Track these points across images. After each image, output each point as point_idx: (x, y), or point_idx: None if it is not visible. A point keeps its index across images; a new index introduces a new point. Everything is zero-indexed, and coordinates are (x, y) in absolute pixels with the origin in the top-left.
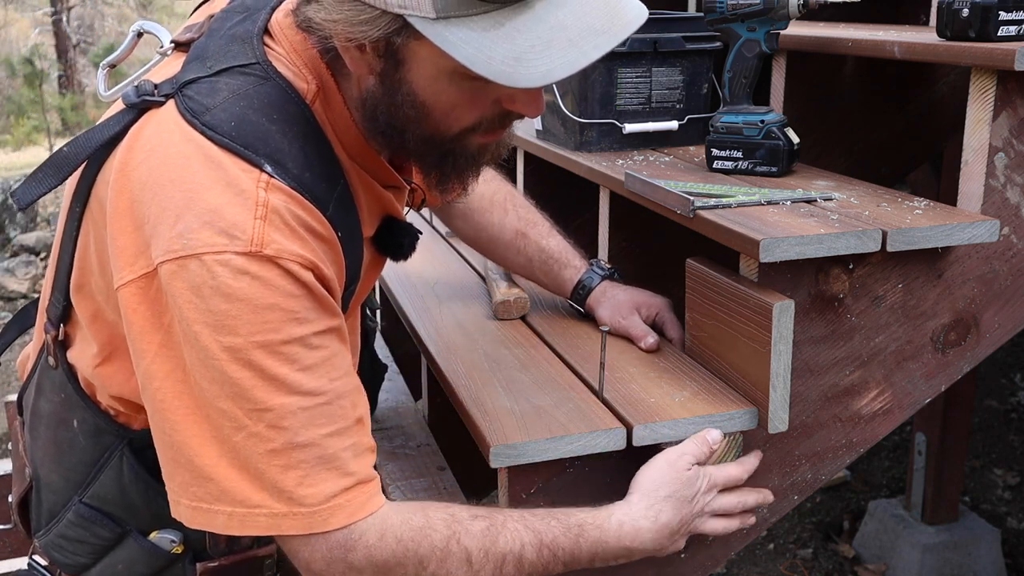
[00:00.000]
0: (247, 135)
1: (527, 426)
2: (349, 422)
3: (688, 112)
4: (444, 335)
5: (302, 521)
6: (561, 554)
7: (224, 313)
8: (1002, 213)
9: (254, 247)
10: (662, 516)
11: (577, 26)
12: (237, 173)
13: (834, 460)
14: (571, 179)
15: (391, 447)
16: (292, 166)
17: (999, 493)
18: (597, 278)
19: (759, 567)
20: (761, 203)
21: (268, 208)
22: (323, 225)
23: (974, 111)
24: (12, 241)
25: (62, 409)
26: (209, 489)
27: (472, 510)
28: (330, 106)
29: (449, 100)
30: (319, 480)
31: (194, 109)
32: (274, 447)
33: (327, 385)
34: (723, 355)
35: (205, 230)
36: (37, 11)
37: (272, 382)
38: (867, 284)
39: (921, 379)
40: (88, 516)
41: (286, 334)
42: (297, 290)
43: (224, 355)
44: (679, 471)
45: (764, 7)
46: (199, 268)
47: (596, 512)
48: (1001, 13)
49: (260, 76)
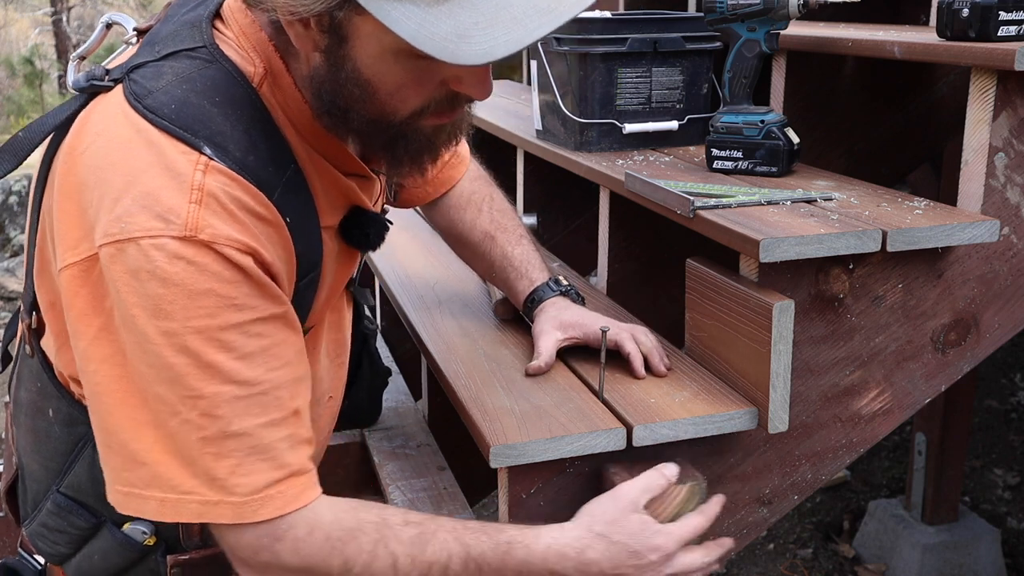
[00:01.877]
0: (187, 117)
1: (527, 426)
2: (286, 412)
3: (688, 112)
4: (444, 335)
5: (232, 510)
6: (487, 569)
7: (160, 297)
8: (1002, 213)
9: (188, 231)
10: (588, 552)
11: (522, 4)
12: (175, 156)
13: (834, 460)
14: (571, 179)
15: (391, 447)
16: (234, 148)
17: (999, 493)
18: (551, 294)
19: (759, 567)
20: (761, 203)
21: (204, 192)
22: (267, 208)
23: (974, 111)
24: (12, 241)
25: (39, 398)
26: (142, 474)
27: (406, 516)
28: (280, 89)
29: (394, 79)
30: (252, 470)
31: (138, 93)
32: (207, 435)
33: (264, 375)
34: (723, 355)
35: (142, 214)
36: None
37: (207, 369)
38: (867, 284)
39: (921, 379)
40: (65, 506)
41: (223, 320)
42: (234, 276)
43: (160, 339)
44: (623, 510)
45: (764, 7)
46: (136, 252)
47: (527, 531)
48: (1001, 13)
49: (205, 59)
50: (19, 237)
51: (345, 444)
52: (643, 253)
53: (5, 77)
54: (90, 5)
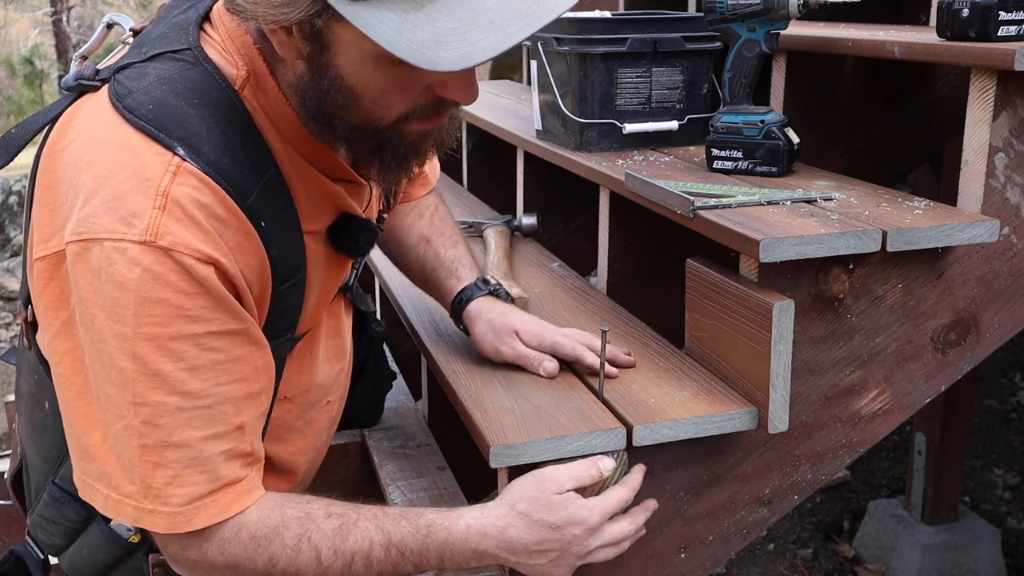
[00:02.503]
0: (163, 118)
1: (527, 426)
2: (228, 427)
3: (688, 112)
4: (444, 335)
5: (166, 520)
6: (409, 554)
7: (115, 301)
8: (1002, 213)
9: (148, 236)
10: (510, 530)
11: (500, 8)
12: (148, 157)
13: (834, 460)
14: (571, 179)
15: (391, 447)
16: (208, 150)
17: (999, 493)
18: (479, 292)
19: (759, 567)
20: (761, 203)
21: (168, 198)
22: (234, 214)
23: (974, 111)
24: (12, 241)
25: (36, 390)
26: (93, 468)
27: (329, 507)
28: (264, 93)
29: (377, 86)
30: (188, 482)
31: (119, 93)
32: (147, 443)
33: (212, 388)
34: (723, 355)
35: (108, 216)
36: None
37: (154, 378)
38: (867, 284)
39: (921, 379)
40: (59, 497)
41: (174, 330)
42: (190, 287)
43: (113, 341)
44: (545, 492)
45: (764, 7)
46: (99, 252)
47: (447, 514)
48: (1001, 13)
49: (188, 61)
50: (19, 237)
51: (345, 444)
52: (643, 253)
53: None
54: (90, 5)
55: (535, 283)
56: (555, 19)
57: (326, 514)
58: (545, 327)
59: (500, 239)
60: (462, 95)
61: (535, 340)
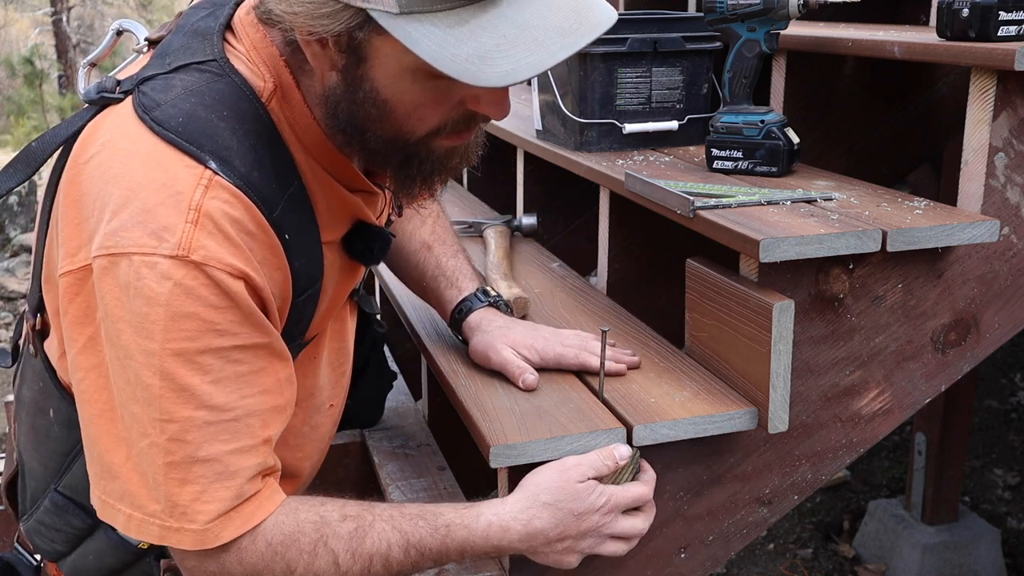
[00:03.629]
0: (194, 131)
1: (527, 426)
2: (256, 441)
3: (688, 112)
4: (444, 335)
5: (193, 537)
6: (428, 553)
7: (144, 316)
8: (1002, 213)
9: (181, 251)
10: (535, 522)
11: (543, 26)
12: (179, 171)
13: (834, 460)
14: (571, 179)
15: (391, 447)
16: (239, 164)
17: (999, 493)
18: (479, 304)
19: (759, 567)
20: (761, 203)
21: (201, 212)
22: (263, 228)
23: (974, 111)
24: (12, 241)
25: (40, 398)
26: (115, 487)
27: (343, 510)
28: (289, 105)
29: (412, 99)
30: (215, 497)
31: (146, 105)
32: (174, 460)
33: (238, 401)
34: (723, 355)
35: (137, 230)
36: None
37: (181, 393)
38: (867, 284)
39: (921, 379)
40: (62, 505)
41: (202, 344)
42: (221, 301)
43: (140, 358)
44: (568, 480)
45: (764, 7)
46: (128, 267)
47: (465, 511)
48: (1001, 13)
49: (215, 73)
50: (19, 237)
51: (345, 444)
52: (643, 253)
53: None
54: (90, 5)
55: (535, 283)
56: (598, 36)
57: (341, 516)
58: (546, 341)
59: (500, 239)
60: (495, 110)
61: (536, 355)
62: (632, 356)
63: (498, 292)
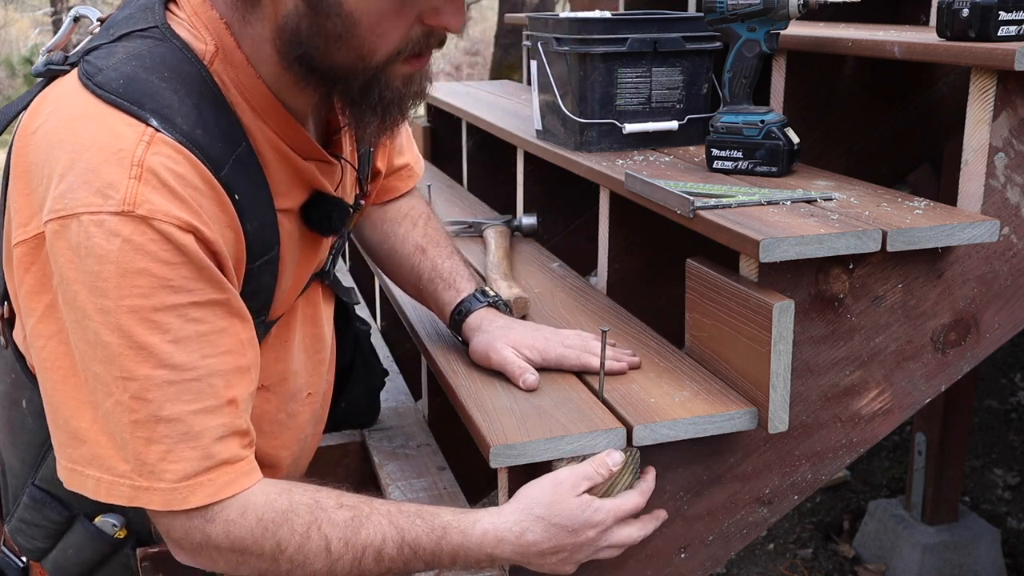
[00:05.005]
0: (134, 91)
1: (527, 426)
2: (219, 401)
3: (688, 112)
4: (444, 335)
5: (161, 497)
6: (422, 553)
7: (96, 274)
8: (1002, 213)
9: (126, 207)
10: (528, 535)
11: None
12: (120, 129)
13: (834, 460)
14: (571, 179)
15: (391, 447)
16: (181, 121)
17: (999, 493)
18: (478, 304)
19: (759, 567)
20: (761, 203)
21: (144, 168)
22: (210, 184)
23: (974, 111)
24: None
25: (13, 389)
26: (83, 452)
27: (340, 498)
28: (232, 66)
29: (375, 10)
30: (181, 457)
31: (89, 72)
32: (137, 418)
33: (199, 361)
34: (723, 355)
35: (83, 190)
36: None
37: (140, 351)
38: (867, 284)
39: (921, 379)
40: (39, 499)
41: (157, 301)
42: (172, 256)
43: (97, 317)
44: (563, 494)
45: (764, 7)
46: (77, 228)
47: (462, 516)
48: (1001, 13)
49: (156, 38)
50: None
51: (345, 444)
52: (643, 253)
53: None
54: (90, 4)
55: (535, 283)
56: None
57: (337, 504)
58: (547, 341)
59: (500, 239)
60: (455, 20)
61: (537, 356)
62: (633, 356)
63: (497, 292)
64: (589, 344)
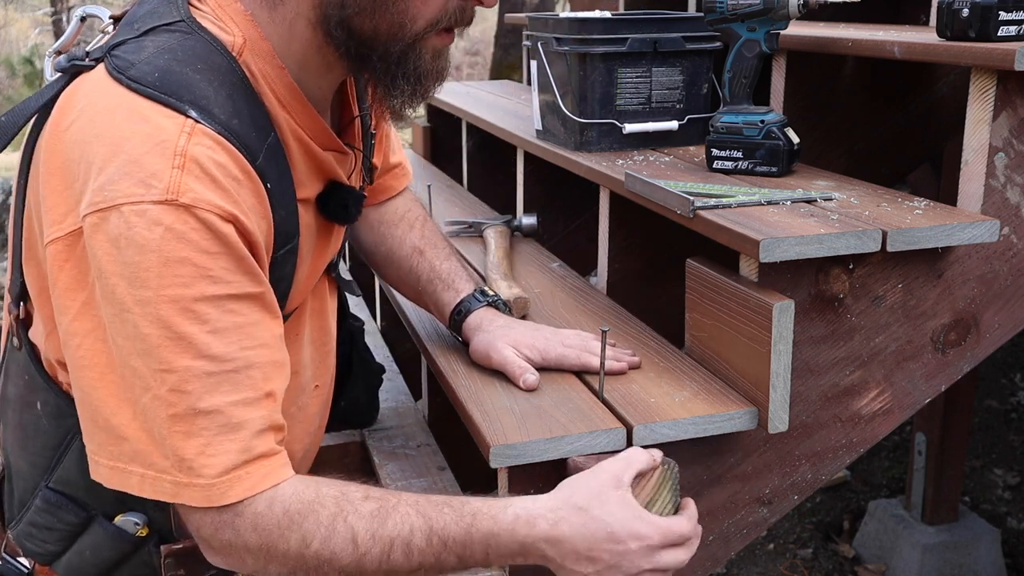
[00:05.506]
0: (171, 84)
1: (527, 426)
2: (258, 394)
3: (688, 112)
4: (444, 335)
5: (201, 493)
6: (452, 544)
7: (137, 264)
8: (1002, 213)
9: (170, 195)
10: (562, 525)
11: None
12: (160, 121)
13: (834, 460)
14: (571, 179)
15: (391, 447)
16: (219, 112)
17: (999, 493)
18: (477, 304)
19: (759, 567)
20: (761, 203)
21: (187, 157)
22: (248, 173)
23: (974, 111)
24: None
25: (26, 391)
26: (124, 449)
27: (366, 491)
28: (259, 57)
29: None
30: (220, 451)
31: (120, 66)
32: (176, 412)
33: (237, 352)
34: (723, 355)
35: (124, 181)
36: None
37: (179, 341)
38: (867, 284)
39: (921, 379)
40: (54, 501)
41: (197, 291)
42: (212, 246)
43: (136, 309)
44: (604, 485)
45: (764, 7)
46: (118, 219)
47: (493, 503)
48: (1001, 13)
49: (184, 32)
50: None
51: (345, 444)
52: (643, 253)
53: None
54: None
55: (535, 283)
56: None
57: (363, 496)
58: (547, 341)
59: (500, 239)
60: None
61: (537, 355)
62: (633, 356)
63: (497, 292)
64: (589, 344)
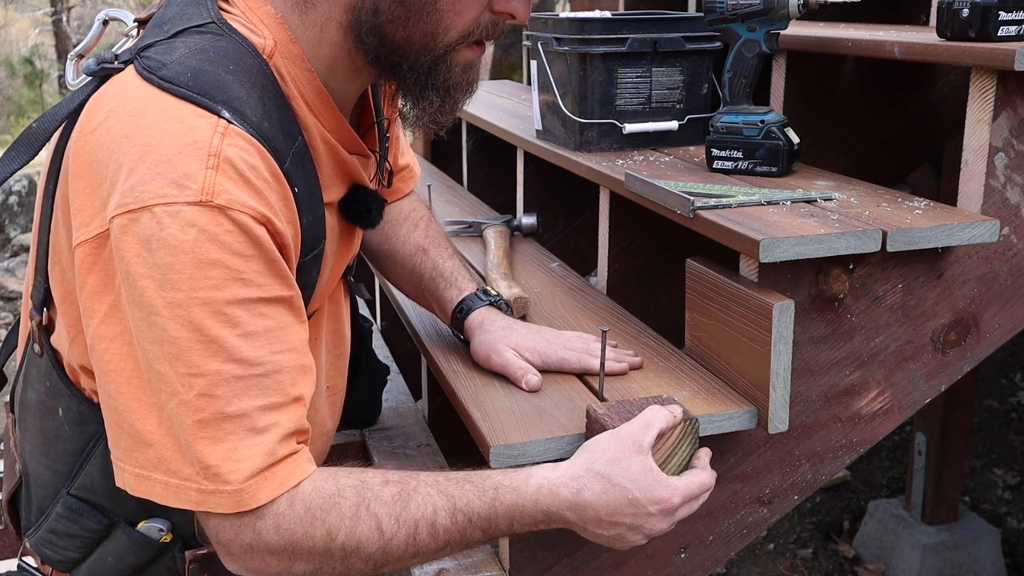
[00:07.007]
0: (204, 84)
1: (527, 426)
2: (285, 398)
3: (688, 112)
4: (444, 335)
5: (229, 499)
6: (477, 519)
7: (168, 266)
8: (1002, 213)
9: (204, 196)
10: (585, 493)
11: None
12: (194, 122)
13: (834, 460)
14: (571, 179)
15: (391, 447)
16: (251, 114)
17: (999, 493)
18: (480, 303)
19: (759, 567)
20: (761, 203)
21: (220, 158)
22: (277, 178)
23: (974, 111)
24: (12, 241)
25: (48, 398)
26: (149, 456)
27: (385, 475)
28: (289, 60)
29: None
30: (246, 455)
31: (151, 67)
32: (203, 417)
33: (267, 356)
34: (723, 355)
35: (157, 181)
36: (37, 11)
37: (210, 344)
38: (867, 284)
39: (921, 379)
40: (76, 508)
41: (229, 294)
42: (246, 249)
43: (166, 311)
44: (625, 450)
45: (764, 7)
46: (150, 220)
47: (514, 474)
48: (1001, 13)
49: (216, 33)
50: (19, 237)
51: (345, 444)
52: (643, 253)
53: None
54: (90, 5)
55: (535, 283)
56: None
57: (383, 481)
58: (548, 344)
59: (500, 239)
60: (521, 6)
61: (538, 358)
62: (634, 356)
63: (498, 292)
64: (590, 347)
